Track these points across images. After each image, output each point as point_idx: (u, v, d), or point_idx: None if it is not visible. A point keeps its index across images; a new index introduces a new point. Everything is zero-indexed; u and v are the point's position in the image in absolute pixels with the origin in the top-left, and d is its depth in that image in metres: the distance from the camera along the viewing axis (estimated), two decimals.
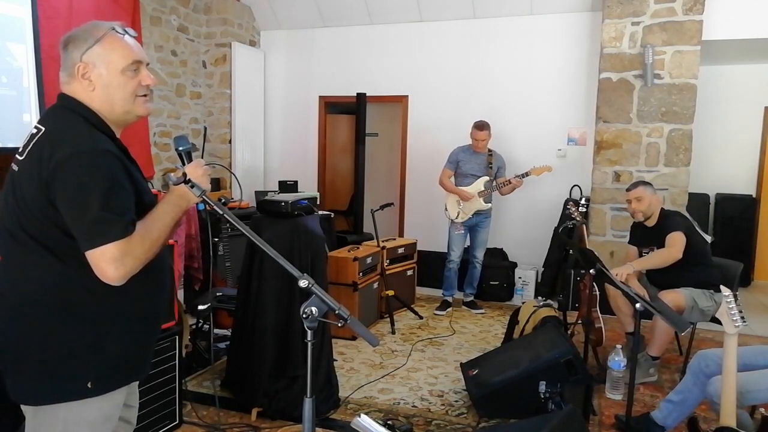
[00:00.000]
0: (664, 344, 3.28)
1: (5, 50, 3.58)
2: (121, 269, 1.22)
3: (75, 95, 1.33)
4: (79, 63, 1.31)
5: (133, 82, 1.34)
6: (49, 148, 1.24)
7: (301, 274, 1.32)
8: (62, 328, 1.28)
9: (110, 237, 1.20)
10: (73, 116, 1.31)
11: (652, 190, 3.34)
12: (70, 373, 1.28)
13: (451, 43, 5.58)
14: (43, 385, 1.28)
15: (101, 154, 1.25)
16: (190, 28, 5.60)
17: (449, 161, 4.62)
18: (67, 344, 1.28)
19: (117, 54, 1.32)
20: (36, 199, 1.24)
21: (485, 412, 2.76)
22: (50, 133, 1.28)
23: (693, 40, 4.50)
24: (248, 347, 2.76)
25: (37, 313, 1.27)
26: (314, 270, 2.76)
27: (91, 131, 1.29)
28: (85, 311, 1.29)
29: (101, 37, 1.31)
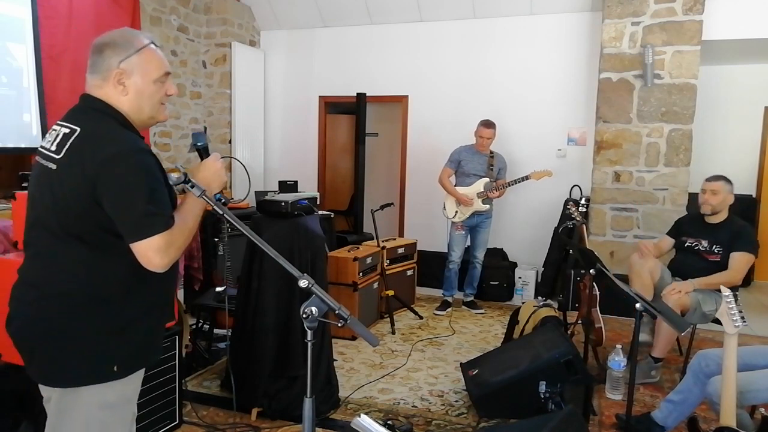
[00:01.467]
0: (668, 345, 3.26)
1: (5, 50, 3.58)
2: (166, 258, 1.33)
3: (104, 98, 1.41)
4: (117, 69, 1.40)
5: (161, 92, 1.46)
6: (92, 147, 1.33)
7: (301, 274, 1.32)
8: (92, 316, 1.37)
9: (157, 229, 1.31)
10: (105, 118, 1.40)
11: (731, 188, 3.24)
12: (98, 358, 1.38)
13: (451, 43, 5.58)
14: (73, 369, 1.37)
15: (143, 154, 1.35)
16: (190, 28, 5.60)
17: (450, 160, 4.62)
18: (96, 331, 1.37)
19: (153, 65, 1.43)
20: (78, 196, 1.32)
21: (485, 412, 2.76)
22: (90, 133, 1.36)
23: (693, 40, 4.50)
24: (248, 347, 2.76)
25: (69, 302, 1.36)
26: (314, 270, 2.76)
27: (126, 132, 1.40)
28: (112, 300, 1.38)
29: (141, 49, 1.42)
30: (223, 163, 1.52)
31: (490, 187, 4.48)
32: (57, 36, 3.89)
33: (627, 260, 3.82)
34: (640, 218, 4.78)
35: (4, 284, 2.16)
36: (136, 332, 1.43)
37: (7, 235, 2.52)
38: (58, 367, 1.37)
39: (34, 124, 3.76)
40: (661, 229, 4.69)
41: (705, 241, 3.27)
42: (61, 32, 3.92)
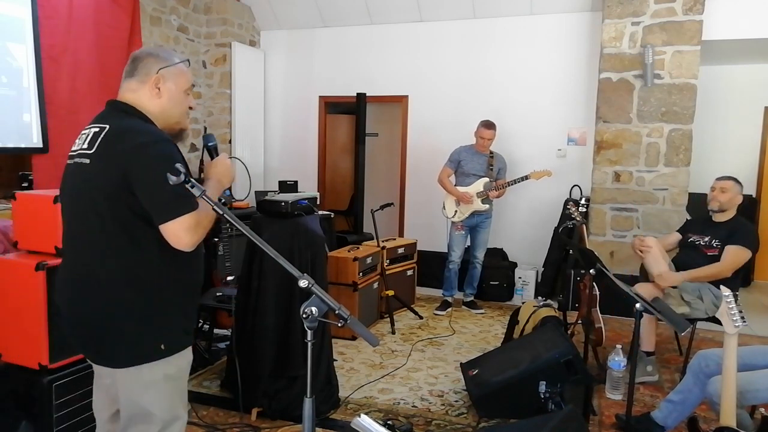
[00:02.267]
0: (650, 337, 3.28)
1: (5, 50, 3.58)
2: (195, 236, 1.45)
3: (134, 101, 1.57)
4: (156, 75, 1.57)
5: (187, 102, 1.65)
6: (122, 139, 1.46)
7: (301, 274, 1.32)
8: (137, 301, 1.48)
9: (186, 209, 1.43)
10: (131, 117, 1.55)
11: (740, 189, 3.28)
12: (147, 339, 1.50)
13: (451, 43, 5.58)
14: (126, 351, 1.49)
15: (169, 143, 1.50)
16: (190, 28, 5.60)
17: (450, 160, 4.61)
18: (142, 314, 1.48)
19: (184, 78, 1.63)
20: (112, 185, 1.43)
21: (485, 412, 2.76)
22: (120, 128, 1.50)
23: (693, 40, 4.50)
24: (248, 347, 2.75)
25: (116, 289, 1.47)
26: (314, 270, 2.76)
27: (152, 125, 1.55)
28: (153, 285, 1.49)
29: (178, 63, 1.62)
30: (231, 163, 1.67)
31: (490, 186, 4.48)
32: (57, 36, 3.89)
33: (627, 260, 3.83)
34: (640, 218, 4.77)
35: (3, 284, 2.16)
36: (176, 312, 1.54)
37: (7, 235, 2.52)
38: (113, 351, 1.51)
39: (34, 124, 3.76)
40: (661, 229, 4.69)
41: (707, 236, 3.29)
42: (61, 32, 3.92)
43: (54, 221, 2.11)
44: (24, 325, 2.11)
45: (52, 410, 2.10)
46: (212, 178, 1.62)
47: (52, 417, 2.11)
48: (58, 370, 2.11)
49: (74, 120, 4.03)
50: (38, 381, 2.08)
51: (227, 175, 1.65)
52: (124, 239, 1.45)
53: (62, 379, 2.11)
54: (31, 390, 2.12)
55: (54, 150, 3.86)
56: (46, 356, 2.08)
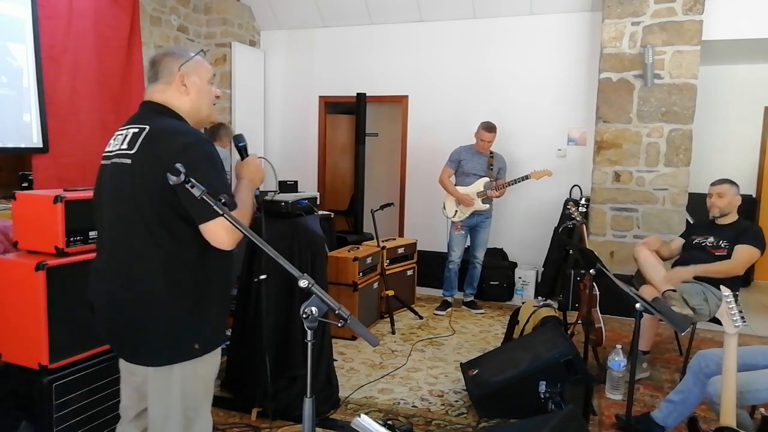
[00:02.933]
0: (650, 337, 3.32)
1: (5, 50, 3.58)
2: (234, 235, 1.46)
3: (165, 101, 1.58)
4: (178, 72, 1.58)
5: (212, 92, 1.66)
6: (165, 139, 1.48)
7: (301, 274, 1.32)
8: (174, 301, 1.49)
9: (228, 208, 1.42)
10: (169, 116, 1.57)
11: (736, 190, 3.30)
12: (182, 338, 1.51)
13: (451, 43, 5.58)
14: (163, 350, 1.51)
15: (210, 143, 1.53)
16: (190, 28, 5.60)
17: (450, 160, 4.61)
18: (179, 314, 1.50)
19: (204, 68, 1.65)
20: (155, 185, 1.44)
21: (485, 412, 2.76)
22: (161, 128, 1.51)
23: (693, 40, 4.50)
24: (248, 347, 2.75)
25: (153, 290, 1.48)
26: (314, 270, 2.76)
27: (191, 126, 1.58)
28: (190, 285, 1.50)
29: (194, 56, 1.62)
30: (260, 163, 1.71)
31: (490, 186, 4.48)
32: (57, 36, 3.89)
33: (627, 260, 3.83)
34: (640, 218, 4.77)
35: (3, 284, 2.16)
36: (210, 312, 1.56)
37: (7, 235, 2.52)
38: (149, 349, 1.52)
39: (34, 124, 3.76)
40: (661, 229, 4.69)
41: (712, 237, 3.31)
42: (61, 32, 3.92)
43: (54, 221, 2.11)
44: (24, 325, 2.11)
45: (52, 410, 2.10)
46: (245, 177, 1.65)
47: (52, 417, 2.10)
48: (58, 370, 2.11)
49: (74, 120, 4.03)
50: (38, 381, 2.08)
51: (259, 175, 1.68)
52: (166, 239, 1.47)
53: (62, 379, 2.11)
54: (31, 390, 2.12)
55: (54, 150, 3.86)
56: (46, 356, 2.08)
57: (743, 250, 3.15)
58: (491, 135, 4.44)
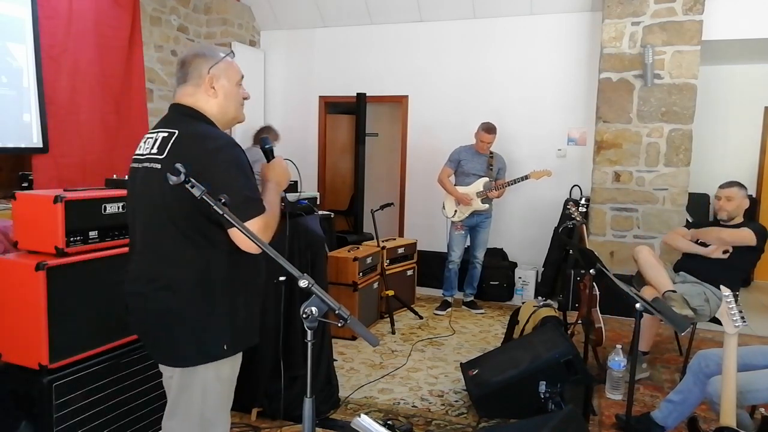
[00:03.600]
0: (650, 337, 3.33)
1: (5, 50, 3.58)
2: (264, 238, 1.46)
3: (194, 104, 1.58)
4: (208, 75, 1.58)
5: (241, 94, 1.66)
6: (194, 144, 1.48)
7: (301, 274, 1.32)
8: (205, 303, 1.50)
9: (258, 211, 1.47)
10: (197, 121, 1.57)
11: (745, 193, 3.33)
12: (211, 339, 1.52)
13: (451, 43, 5.58)
14: (190, 351, 1.52)
15: (238, 147, 1.53)
16: (190, 28, 5.60)
17: (450, 160, 4.61)
18: (209, 316, 1.51)
19: (233, 70, 1.64)
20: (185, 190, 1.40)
21: (485, 412, 2.76)
22: (189, 133, 1.51)
23: (693, 40, 4.50)
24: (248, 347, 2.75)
25: (185, 292, 1.49)
26: (314, 270, 2.76)
27: (220, 130, 1.59)
28: (221, 287, 1.51)
29: (224, 57, 1.62)
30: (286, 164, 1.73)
31: (490, 186, 4.48)
32: (57, 36, 3.89)
33: (627, 260, 3.84)
34: (640, 218, 4.77)
35: (3, 284, 2.16)
36: (239, 315, 1.56)
37: (7, 235, 2.52)
38: (178, 351, 1.53)
39: (34, 124, 3.76)
40: (661, 229, 4.69)
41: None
42: (61, 32, 3.92)
43: (54, 221, 2.11)
44: (24, 325, 2.11)
45: (52, 410, 2.10)
46: (271, 180, 1.66)
47: (52, 417, 2.10)
48: (58, 370, 2.11)
49: (74, 120, 4.03)
50: (38, 381, 2.08)
51: (285, 177, 1.69)
52: (197, 242, 1.48)
53: (62, 379, 2.11)
54: (31, 390, 2.11)
55: (54, 150, 3.86)
56: (46, 356, 2.08)
57: (743, 230, 3.20)
58: (491, 136, 4.44)
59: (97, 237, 2.21)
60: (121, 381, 2.26)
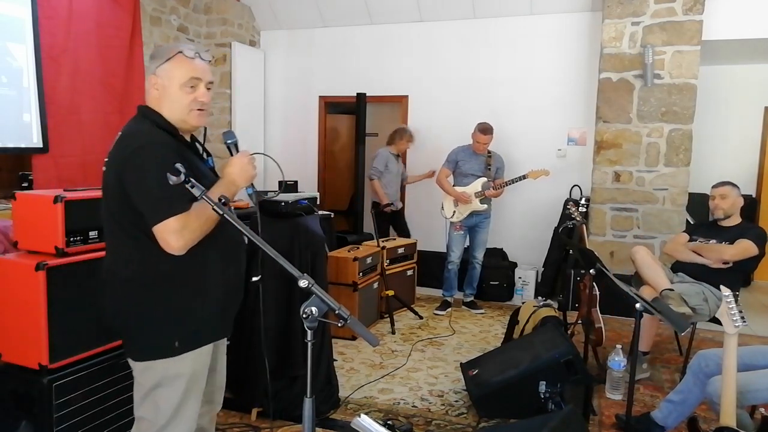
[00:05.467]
0: (650, 337, 3.33)
1: (5, 50, 3.58)
2: (181, 240, 1.44)
3: (149, 102, 1.59)
4: (152, 75, 1.57)
5: (189, 97, 1.57)
6: (121, 146, 1.52)
7: (301, 274, 1.32)
8: (150, 299, 1.52)
9: (171, 212, 1.43)
10: (143, 120, 1.57)
11: (738, 192, 3.33)
12: (160, 335, 1.53)
13: (451, 44, 5.58)
14: (142, 345, 1.55)
15: (157, 146, 1.49)
16: (190, 28, 5.60)
17: (448, 161, 4.61)
18: (157, 311, 1.52)
19: (180, 71, 1.55)
20: (116, 190, 1.49)
21: (485, 412, 2.76)
22: (123, 134, 1.56)
23: (693, 40, 4.50)
24: (248, 347, 2.75)
25: (133, 286, 1.52)
26: (314, 270, 2.76)
27: (152, 129, 1.54)
28: (167, 283, 1.52)
29: (172, 57, 1.56)
30: (251, 159, 1.60)
31: (488, 186, 4.47)
32: (57, 36, 3.89)
33: (627, 260, 3.83)
34: (640, 218, 4.77)
35: (3, 284, 2.16)
36: (194, 311, 1.55)
37: (7, 235, 2.52)
38: (132, 344, 1.57)
39: (34, 124, 3.76)
40: (661, 229, 4.69)
41: (714, 239, 3.32)
42: (61, 32, 3.92)
43: (54, 221, 2.11)
44: (24, 325, 2.11)
45: (52, 410, 2.10)
46: (224, 177, 1.57)
47: (52, 417, 2.10)
48: (58, 370, 2.11)
49: (74, 120, 4.03)
50: (38, 381, 2.08)
51: (242, 175, 1.57)
52: (136, 237, 1.49)
53: (62, 379, 2.11)
54: (31, 390, 2.12)
55: (54, 150, 3.86)
56: (46, 356, 2.08)
57: (743, 242, 3.18)
58: (487, 137, 4.42)
59: (97, 237, 2.21)
60: (121, 381, 2.26)
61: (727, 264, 3.21)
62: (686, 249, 3.38)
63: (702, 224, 3.61)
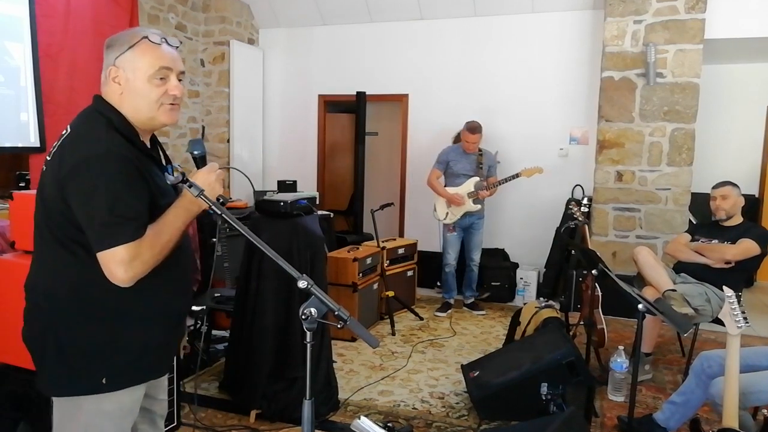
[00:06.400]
0: (652, 338, 3.32)
1: (3, 49, 3.56)
2: (130, 272, 1.25)
3: (107, 97, 1.37)
4: (112, 66, 1.34)
5: (158, 90, 1.35)
6: (68, 150, 1.29)
7: (300, 275, 1.30)
8: (79, 325, 1.32)
9: (120, 240, 1.23)
10: (98, 118, 1.34)
11: (739, 191, 3.31)
12: (85, 369, 1.32)
13: (451, 42, 5.56)
14: (61, 378, 1.33)
15: (112, 158, 1.26)
16: (188, 26, 5.58)
17: (438, 161, 4.56)
18: (83, 341, 1.32)
19: (145, 61, 1.33)
20: (55, 199, 1.28)
21: (486, 414, 2.74)
22: (73, 134, 1.32)
23: (695, 38, 4.48)
24: (247, 348, 2.73)
25: (56, 309, 1.32)
26: (313, 271, 2.74)
27: (108, 133, 1.30)
28: (101, 309, 1.32)
29: (135, 44, 1.33)
30: (220, 175, 1.40)
31: (481, 186, 4.43)
32: (55, 34, 3.87)
33: (630, 261, 3.82)
34: (642, 218, 4.75)
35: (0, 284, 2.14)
36: (128, 345, 1.35)
37: (4, 236, 2.50)
38: (48, 376, 1.36)
39: (31, 124, 3.75)
40: (663, 229, 4.67)
41: (716, 239, 3.31)
42: (58, 31, 3.90)
43: None
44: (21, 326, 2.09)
45: (50, 411, 2.08)
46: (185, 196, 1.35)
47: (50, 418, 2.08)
48: None
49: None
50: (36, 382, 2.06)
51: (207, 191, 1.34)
52: (74, 252, 1.29)
53: None
54: (28, 391, 2.10)
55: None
56: None
57: (745, 242, 3.17)
58: (476, 136, 4.36)
59: None
60: None
61: (729, 264, 3.19)
62: (688, 249, 3.36)
63: (704, 224, 3.60)
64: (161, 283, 1.36)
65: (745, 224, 3.32)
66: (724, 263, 3.20)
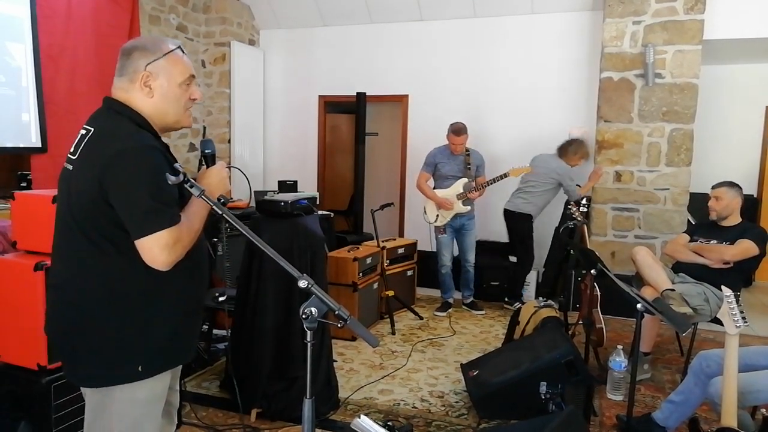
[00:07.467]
0: (651, 338, 3.32)
1: (4, 49, 3.57)
2: (173, 255, 1.34)
3: (127, 100, 1.44)
4: (144, 71, 1.42)
5: (185, 96, 1.48)
6: (100, 146, 1.36)
7: (300, 275, 1.31)
8: (113, 318, 1.38)
9: (163, 224, 1.32)
10: (121, 118, 1.42)
11: (735, 193, 3.30)
12: (121, 359, 1.39)
13: (451, 42, 5.57)
14: (98, 370, 1.39)
15: (148, 149, 1.36)
16: (189, 27, 5.59)
17: (426, 164, 4.55)
18: (118, 333, 1.38)
19: (178, 69, 1.46)
20: (90, 195, 1.34)
21: (486, 413, 2.75)
22: (100, 132, 1.39)
23: (694, 39, 4.49)
24: (247, 348, 2.74)
25: (91, 304, 1.38)
26: (314, 270, 2.75)
27: (137, 130, 1.40)
28: (133, 302, 1.39)
29: (168, 53, 1.44)
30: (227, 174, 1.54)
31: (470, 187, 4.42)
32: (56, 35, 3.88)
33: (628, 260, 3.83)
34: (641, 218, 4.76)
35: (2, 284, 2.15)
36: (158, 333, 1.42)
37: (5, 235, 2.51)
38: (85, 370, 1.41)
39: (32, 124, 3.76)
40: (662, 229, 4.68)
41: (715, 239, 3.32)
42: (59, 31, 3.91)
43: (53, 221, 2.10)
44: (23, 325, 2.10)
45: (51, 411, 2.10)
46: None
47: (51, 417, 2.10)
48: (57, 371, 2.10)
49: (73, 119, 4.02)
50: (37, 381, 2.08)
51: (219, 187, 1.50)
52: (106, 250, 1.36)
53: (61, 379, 2.10)
54: (30, 390, 2.11)
55: (53, 150, 3.85)
56: (44, 357, 2.07)
57: (743, 242, 3.18)
58: (461, 138, 4.34)
59: None
60: None
61: (727, 264, 3.20)
62: (687, 249, 3.37)
63: (702, 224, 3.61)
64: (183, 271, 1.42)
65: (743, 224, 3.33)
66: (723, 264, 3.21)
